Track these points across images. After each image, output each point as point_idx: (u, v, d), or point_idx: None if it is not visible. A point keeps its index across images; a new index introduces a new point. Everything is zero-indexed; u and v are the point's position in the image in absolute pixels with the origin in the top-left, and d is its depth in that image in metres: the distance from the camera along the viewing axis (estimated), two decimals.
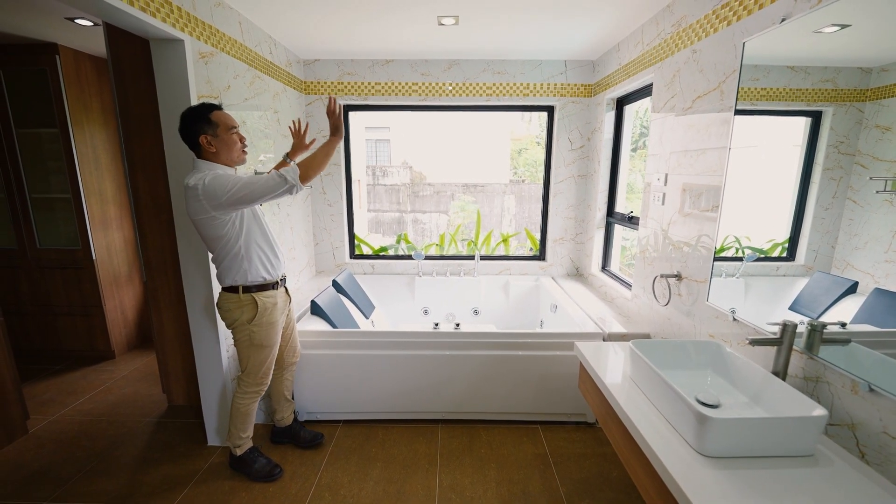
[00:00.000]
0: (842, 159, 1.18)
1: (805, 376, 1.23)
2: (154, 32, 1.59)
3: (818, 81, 1.24)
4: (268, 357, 1.79)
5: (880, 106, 1.08)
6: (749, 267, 1.55)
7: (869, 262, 1.10)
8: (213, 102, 1.60)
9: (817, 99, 1.25)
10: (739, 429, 1.02)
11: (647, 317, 2.17)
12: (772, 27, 1.34)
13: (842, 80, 1.18)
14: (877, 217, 1.08)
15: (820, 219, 1.25)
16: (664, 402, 1.20)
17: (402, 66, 2.94)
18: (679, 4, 1.89)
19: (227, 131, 1.57)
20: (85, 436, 2.17)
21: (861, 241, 1.12)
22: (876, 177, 1.09)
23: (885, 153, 1.06)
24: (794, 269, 1.36)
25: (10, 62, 2.59)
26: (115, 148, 2.98)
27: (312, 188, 3.15)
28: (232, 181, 1.49)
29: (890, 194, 1.05)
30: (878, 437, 1.02)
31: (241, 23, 2.14)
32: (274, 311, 1.75)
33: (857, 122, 1.13)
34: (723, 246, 1.63)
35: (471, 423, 2.28)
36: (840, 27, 1.17)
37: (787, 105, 1.35)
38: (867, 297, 1.11)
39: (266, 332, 1.74)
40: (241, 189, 1.48)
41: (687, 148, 1.82)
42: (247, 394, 1.81)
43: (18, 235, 2.83)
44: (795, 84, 1.31)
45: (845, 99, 1.17)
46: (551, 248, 3.24)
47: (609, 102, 2.75)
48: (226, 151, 1.58)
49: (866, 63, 1.12)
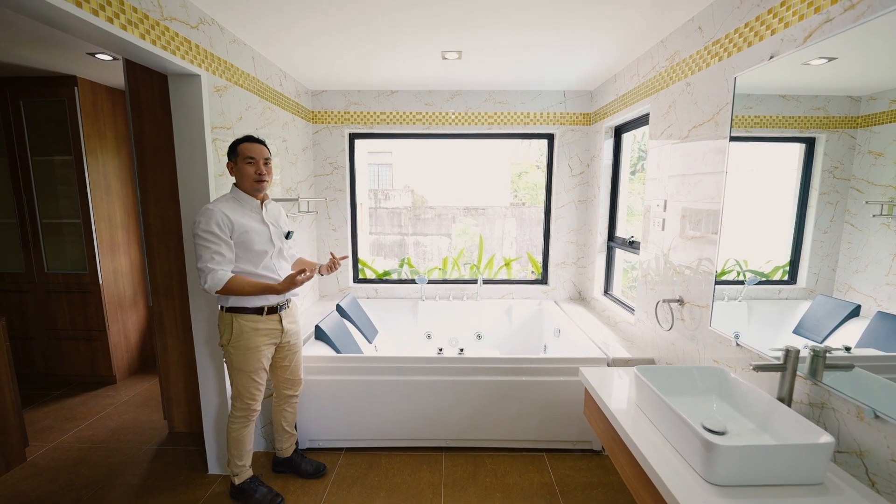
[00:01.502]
0: (837, 184, 1.20)
1: (810, 402, 1.23)
2: (173, 68, 1.67)
3: (810, 109, 1.28)
4: (248, 382, 1.75)
5: (872, 132, 1.11)
6: (751, 290, 1.56)
7: (870, 286, 1.11)
8: (248, 135, 1.71)
9: (810, 126, 1.29)
10: (747, 456, 1.02)
11: (651, 341, 2.17)
12: (761, 63, 1.40)
13: (833, 108, 1.22)
14: (875, 240, 1.09)
15: (819, 242, 1.26)
16: (670, 428, 1.20)
17: (407, 96, 3.05)
18: (672, 40, 1.98)
19: (242, 161, 1.67)
20: (84, 463, 2.14)
21: (861, 264, 1.13)
22: (872, 201, 1.11)
23: (880, 178, 1.08)
24: (796, 292, 1.36)
25: (31, 93, 2.69)
26: (125, 175, 3.06)
27: (318, 214, 3.20)
28: (201, 234, 1.59)
29: (886, 218, 1.07)
30: (887, 465, 1.02)
31: (255, 57, 2.24)
32: (253, 336, 1.71)
33: (850, 148, 1.16)
34: (724, 269, 1.65)
35: (475, 451, 2.24)
36: (827, 60, 1.22)
37: (781, 132, 1.38)
38: (870, 320, 1.11)
39: (243, 356, 1.71)
40: (196, 246, 1.61)
41: (685, 174, 1.87)
42: (235, 419, 1.79)
43: (27, 259, 2.87)
44: (788, 112, 1.35)
45: (837, 126, 1.20)
46: (553, 272, 3.27)
47: (607, 130, 2.84)
48: (240, 179, 1.70)
49: (855, 92, 1.16)
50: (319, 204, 3.18)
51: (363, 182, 3.60)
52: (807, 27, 1.24)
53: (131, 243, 3.12)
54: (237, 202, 1.71)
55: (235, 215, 1.65)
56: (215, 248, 1.59)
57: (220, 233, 1.60)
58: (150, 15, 1.47)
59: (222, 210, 1.62)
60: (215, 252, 1.59)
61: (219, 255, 1.60)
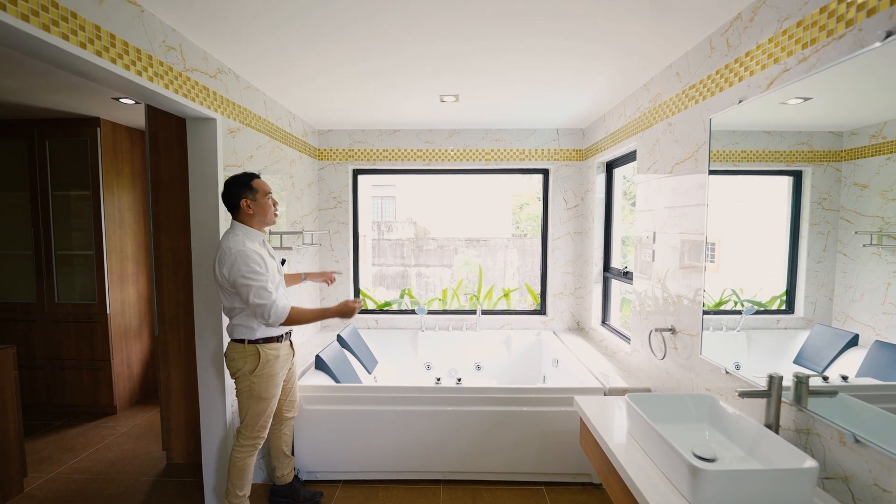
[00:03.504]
0: (827, 215, 1.23)
1: (797, 429, 1.25)
2: (192, 113, 1.81)
3: (794, 144, 1.34)
4: (265, 409, 1.81)
5: (856, 165, 1.14)
6: (750, 320, 1.57)
7: (867, 315, 1.12)
8: (253, 172, 1.81)
9: (795, 160, 1.34)
10: (732, 481, 1.04)
11: (648, 371, 2.19)
12: (732, 106, 1.52)
13: (816, 143, 1.27)
14: (868, 269, 1.11)
15: (814, 272, 1.28)
16: (660, 455, 1.22)
17: (408, 134, 3.22)
18: (654, 84, 2.13)
19: (264, 196, 1.78)
20: (80, 495, 2.14)
21: (857, 293, 1.15)
22: (861, 231, 1.13)
23: (867, 208, 1.11)
24: (795, 321, 1.38)
25: (57, 133, 2.88)
26: (138, 209, 3.20)
27: (322, 246, 3.31)
28: (249, 275, 1.64)
29: (877, 247, 1.09)
30: (870, 489, 1.03)
31: (266, 101, 2.41)
32: (275, 363, 1.81)
33: (837, 181, 1.19)
34: (722, 299, 1.67)
35: (473, 484, 2.22)
36: (803, 100, 1.29)
37: (768, 165, 1.44)
38: (869, 349, 1.12)
39: (266, 384, 1.78)
40: (243, 287, 1.65)
41: (670, 207, 1.96)
42: (244, 447, 1.81)
43: (39, 289, 2.96)
44: (773, 147, 1.41)
45: (822, 160, 1.24)
46: (552, 303, 3.31)
47: (599, 166, 2.97)
48: (261, 214, 1.78)
49: (836, 128, 1.21)
50: (323, 236, 3.29)
51: (367, 214, 3.72)
52: (769, 75, 1.36)
53: (140, 275, 3.21)
54: (249, 238, 1.75)
55: (261, 251, 1.75)
56: (264, 282, 1.66)
57: (261, 269, 1.68)
58: (174, 67, 1.63)
59: (252, 249, 1.70)
60: (266, 287, 1.66)
61: (269, 289, 1.67)
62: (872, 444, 1.03)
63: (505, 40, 1.75)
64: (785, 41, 1.29)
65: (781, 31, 1.30)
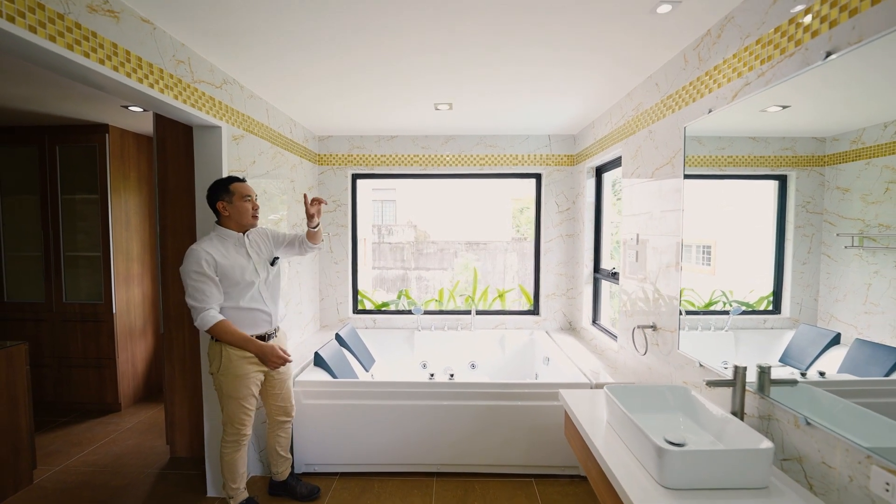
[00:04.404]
0: (811, 217, 1.26)
1: (759, 415, 1.35)
2: (198, 122, 1.93)
3: (779, 149, 1.39)
4: (237, 409, 1.83)
5: (838, 170, 1.18)
6: (737, 320, 1.63)
7: (850, 314, 1.15)
8: (237, 175, 1.89)
9: (780, 164, 1.39)
10: (694, 461, 1.13)
11: (633, 367, 2.28)
12: (702, 116, 1.63)
13: (800, 148, 1.30)
14: (851, 270, 1.14)
15: (799, 273, 1.34)
16: (633, 440, 1.31)
17: (405, 140, 3.34)
18: (636, 93, 2.24)
19: (240, 199, 1.83)
20: (88, 486, 2.23)
21: (841, 293, 1.18)
22: (842, 233, 1.17)
23: (848, 212, 1.15)
24: (781, 321, 1.43)
25: (67, 139, 2.99)
26: (144, 212, 3.31)
27: (321, 248, 3.40)
28: (191, 274, 1.72)
29: (858, 249, 1.12)
30: (819, 467, 1.13)
31: (268, 109, 2.53)
32: (241, 363, 1.80)
33: (820, 185, 1.23)
34: (711, 300, 1.74)
35: (465, 477, 2.30)
36: (781, 108, 1.35)
37: (754, 170, 1.49)
38: (849, 347, 1.17)
39: (232, 384, 1.80)
40: (185, 284, 1.74)
41: (651, 211, 2.06)
42: (227, 443, 1.87)
43: (48, 289, 3.06)
44: (758, 152, 1.46)
45: (806, 164, 1.28)
46: (544, 303, 3.41)
47: (589, 170, 3.07)
48: (237, 216, 1.83)
49: (819, 133, 1.24)
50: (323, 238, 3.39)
51: (367, 218, 3.83)
52: (733, 88, 1.47)
53: (145, 276, 3.31)
54: (221, 240, 1.82)
55: (219, 254, 1.77)
56: (203, 286, 1.71)
57: (207, 271, 1.72)
58: (183, 79, 1.74)
59: (206, 249, 1.74)
60: (203, 291, 1.71)
61: (206, 293, 1.71)
62: (820, 426, 1.12)
63: (494, 52, 1.86)
64: (746, 57, 1.40)
65: (743, 48, 1.41)
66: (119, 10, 1.41)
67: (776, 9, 1.28)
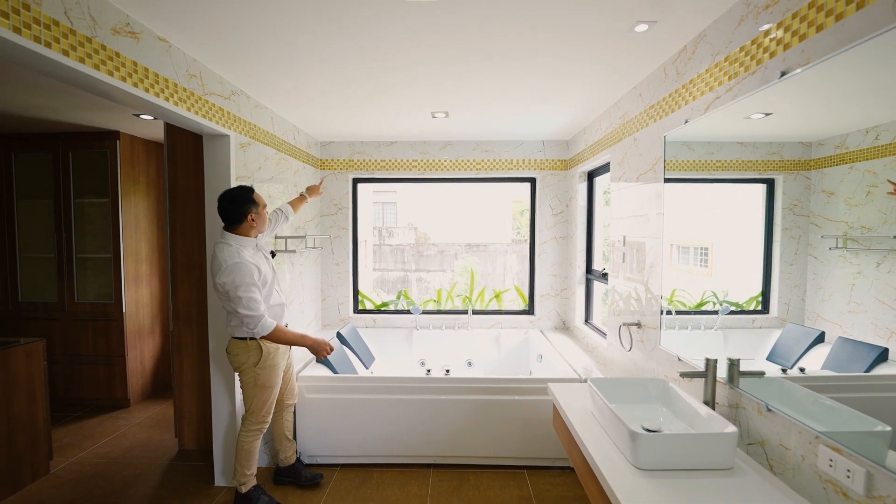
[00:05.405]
0: (797, 220, 1.30)
1: (729, 404, 1.46)
2: (208, 131, 2.05)
3: (766, 154, 1.43)
4: (269, 397, 2.00)
5: (823, 174, 1.21)
6: (727, 320, 1.70)
7: (835, 313, 1.19)
8: (249, 186, 1.97)
9: (767, 169, 1.44)
10: (664, 444, 1.24)
11: (620, 363, 2.39)
12: (680, 126, 1.74)
13: (787, 153, 1.34)
14: (835, 271, 1.18)
15: (787, 274, 1.35)
16: (611, 427, 1.42)
17: (404, 146, 3.46)
18: (623, 102, 2.35)
19: (264, 208, 1.98)
20: (101, 476, 2.34)
21: (826, 293, 1.22)
22: (827, 235, 1.20)
23: (833, 214, 1.18)
24: (769, 321, 1.48)
25: (80, 145, 3.12)
26: (153, 215, 3.43)
27: (323, 249, 3.53)
28: (244, 286, 1.79)
29: (842, 250, 1.16)
30: (777, 449, 1.24)
31: (273, 118, 2.65)
32: (276, 354, 1.99)
33: (806, 188, 1.26)
34: (702, 300, 1.82)
35: (460, 468, 2.41)
36: (764, 115, 1.41)
37: (743, 174, 1.55)
38: (833, 345, 1.20)
39: (269, 374, 1.97)
40: (236, 299, 1.79)
41: (636, 214, 2.17)
42: (250, 432, 2.00)
43: (60, 290, 3.18)
44: (746, 157, 1.47)
45: (792, 168, 1.31)
46: (539, 303, 3.52)
47: (581, 175, 3.19)
48: (260, 224, 1.96)
49: (804, 138, 1.28)
50: (324, 241, 3.51)
51: (368, 220, 3.94)
52: (706, 101, 1.58)
53: (153, 276, 3.44)
54: (243, 247, 1.88)
55: (256, 262, 1.88)
56: (256, 295, 1.82)
57: (258, 281, 1.85)
58: (195, 92, 1.86)
59: (249, 261, 1.84)
60: (256, 300, 1.81)
61: (259, 301, 1.82)
62: (778, 411, 1.23)
63: (487, 62, 1.98)
64: (717, 73, 1.51)
65: (714, 64, 1.53)
66: (139, 31, 1.54)
67: (741, 30, 1.40)
